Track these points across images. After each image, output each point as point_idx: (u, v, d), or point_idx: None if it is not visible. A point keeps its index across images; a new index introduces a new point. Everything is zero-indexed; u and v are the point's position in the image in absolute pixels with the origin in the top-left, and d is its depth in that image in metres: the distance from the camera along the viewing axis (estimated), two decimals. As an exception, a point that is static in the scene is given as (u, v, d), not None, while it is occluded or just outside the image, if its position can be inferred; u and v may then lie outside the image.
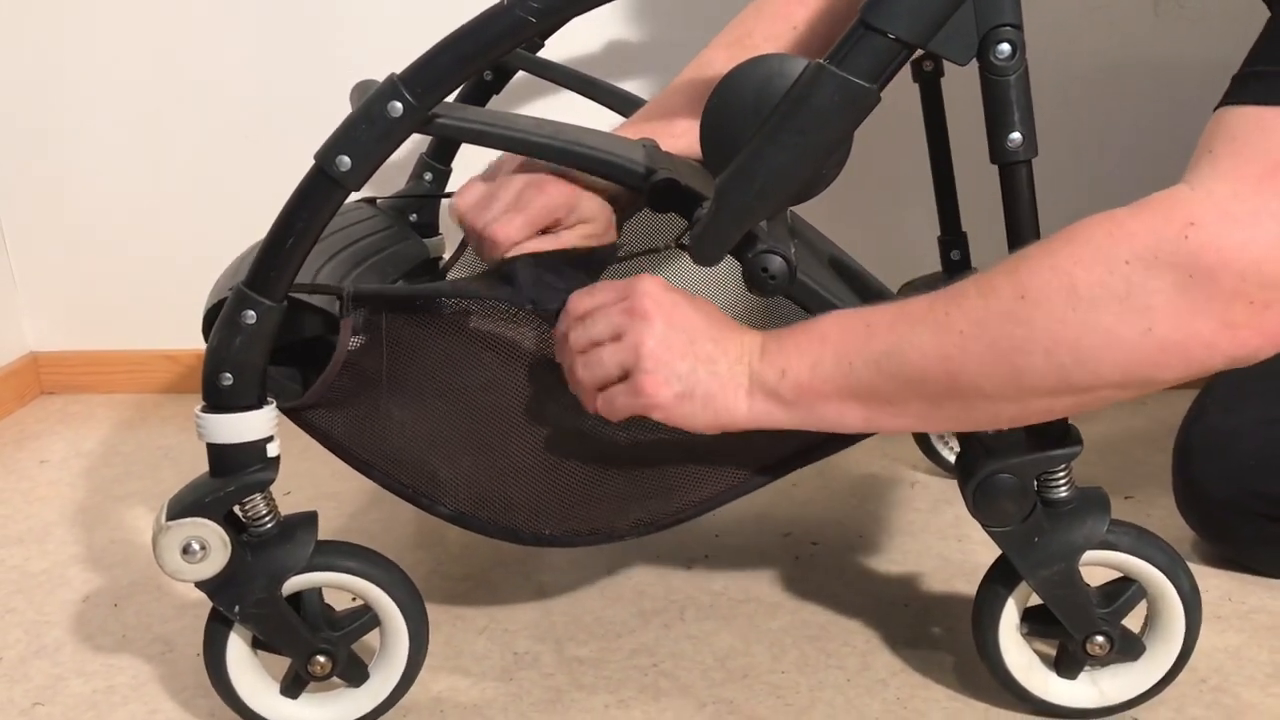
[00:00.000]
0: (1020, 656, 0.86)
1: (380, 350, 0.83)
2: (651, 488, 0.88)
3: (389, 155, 0.75)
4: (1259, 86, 0.69)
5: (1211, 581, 1.02)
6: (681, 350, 0.77)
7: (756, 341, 0.78)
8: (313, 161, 0.76)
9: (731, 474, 0.87)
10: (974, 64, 0.71)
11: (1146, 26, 0.98)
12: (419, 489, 0.88)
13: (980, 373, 0.71)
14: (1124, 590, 0.85)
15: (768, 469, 0.88)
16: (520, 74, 1.22)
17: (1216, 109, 0.71)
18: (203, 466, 0.84)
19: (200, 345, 0.82)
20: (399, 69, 0.74)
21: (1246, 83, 0.70)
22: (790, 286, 0.79)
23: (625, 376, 0.78)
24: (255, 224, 0.91)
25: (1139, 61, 1.35)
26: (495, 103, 1.23)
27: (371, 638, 0.89)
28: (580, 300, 0.80)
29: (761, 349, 0.78)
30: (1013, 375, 0.71)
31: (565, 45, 1.45)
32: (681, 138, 0.91)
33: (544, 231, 0.85)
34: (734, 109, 0.73)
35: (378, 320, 0.82)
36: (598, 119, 1.03)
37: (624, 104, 1.12)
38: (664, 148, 0.87)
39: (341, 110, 0.78)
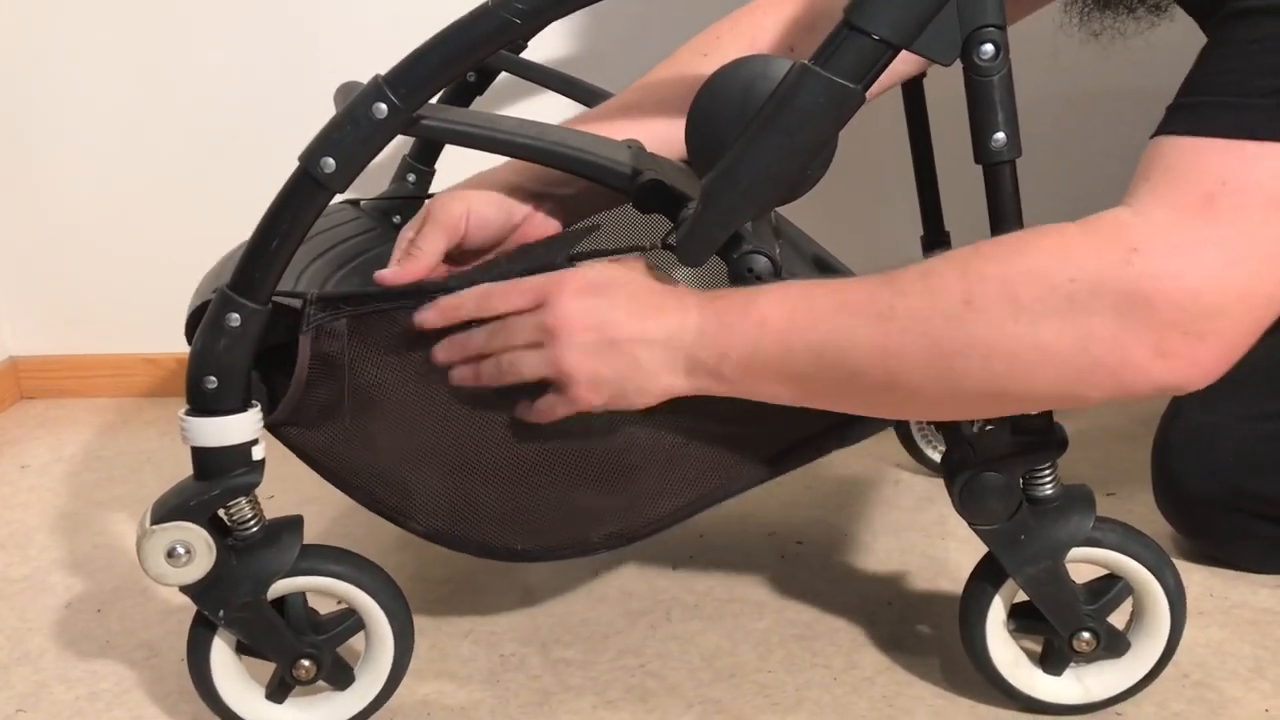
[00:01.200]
0: (1007, 653, 0.87)
1: (344, 361, 0.82)
2: (624, 500, 0.88)
3: (374, 157, 0.75)
4: (1192, 116, 0.71)
5: (1193, 577, 1.03)
6: (604, 358, 0.78)
7: (693, 319, 0.78)
8: (296, 163, 0.75)
9: (705, 483, 0.87)
10: (957, 64, 0.72)
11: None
12: (393, 505, 0.87)
13: (918, 371, 0.73)
14: (1110, 587, 0.86)
15: (739, 478, 0.87)
16: (502, 75, 1.22)
17: (1153, 136, 0.73)
18: (185, 470, 0.83)
19: (182, 349, 0.82)
20: (383, 70, 0.74)
21: (1181, 112, 0.72)
22: (775, 286, 0.79)
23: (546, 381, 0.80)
24: (237, 227, 0.91)
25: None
26: (478, 104, 1.24)
27: (357, 641, 0.89)
28: (492, 297, 0.80)
29: (699, 330, 0.78)
30: (949, 377, 0.72)
31: (549, 46, 1.45)
32: (642, 135, 0.91)
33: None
34: (719, 110, 0.74)
35: (341, 329, 0.81)
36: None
37: (607, 105, 1.12)
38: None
39: (325, 112, 0.78)
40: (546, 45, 1.45)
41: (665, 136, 0.90)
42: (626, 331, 0.78)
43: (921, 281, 0.73)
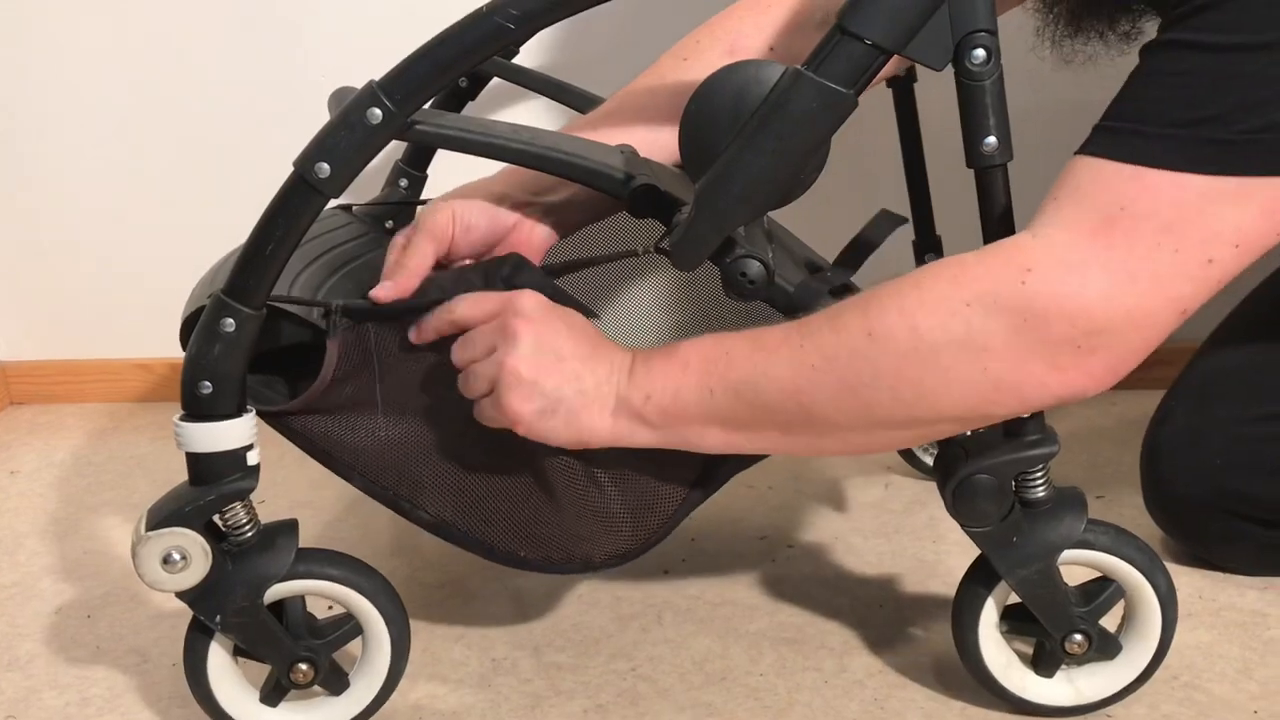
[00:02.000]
0: (999, 655, 0.87)
1: (369, 360, 0.83)
2: (627, 516, 0.89)
3: (368, 162, 0.75)
4: (1106, 140, 0.73)
5: (1182, 579, 1.03)
6: (547, 369, 0.79)
7: (626, 363, 0.81)
8: (290, 169, 0.75)
9: (682, 487, 0.89)
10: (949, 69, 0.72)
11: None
12: (401, 494, 0.88)
13: (830, 405, 0.76)
14: (1102, 589, 0.86)
15: (718, 471, 0.89)
16: (495, 80, 1.22)
17: (1075, 153, 0.75)
18: (176, 476, 0.83)
19: (173, 354, 0.82)
20: (378, 75, 0.74)
21: (1100, 134, 0.74)
22: (768, 291, 0.80)
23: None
24: (230, 232, 0.91)
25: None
26: (470, 109, 1.24)
27: (352, 646, 0.89)
28: (462, 309, 0.82)
29: (630, 371, 0.80)
30: (860, 408, 0.75)
31: (542, 52, 1.45)
32: (629, 141, 0.91)
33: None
34: (713, 115, 0.74)
35: (366, 330, 0.82)
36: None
37: (600, 111, 1.12)
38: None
39: (318, 117, 0.78)
40: (539, 51, 1.45)
41: (651, 142, 0.90)
42: (574, 354, 0.80)
43: (829, 321, 0.76)
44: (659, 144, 0.89)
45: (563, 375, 0.80)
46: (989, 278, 0.72)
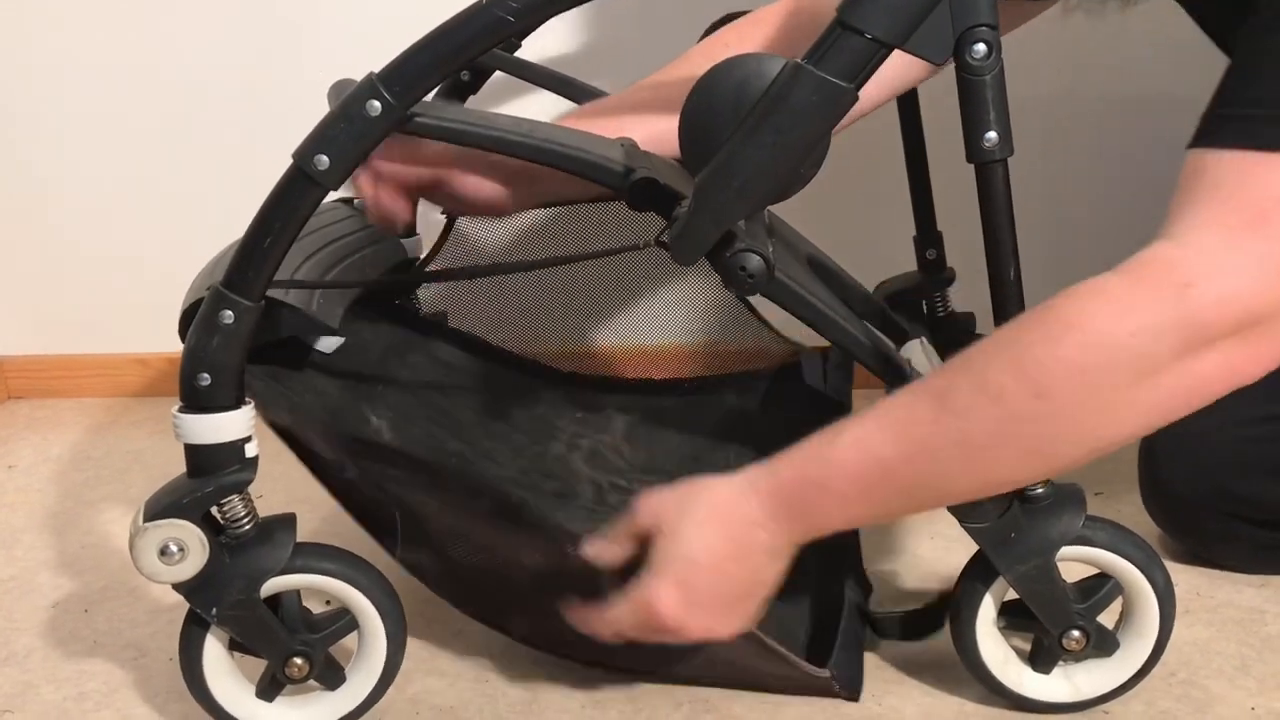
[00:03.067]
0: (997, 651, 0.87)
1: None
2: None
3: (367, 154, 0.75)
4: (1236, 129, 0.71)
5: (1180, 576, 1.03)
6: (710, 608, 0.79)
7: (765, 537, 0.78)
8: (289, 161, 0.75)
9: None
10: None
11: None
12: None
13: (1014, 471, 0.75)
14: (1100, 586, 0.86)
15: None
16: (497, 73, 1.22)
17: (1190, 148, 0.72)
18: (174, 470, 0.83)
19: (171, 348, 0.82)
20: (377, 68, 0.74)
21: (1222, 124, 0.71)
22: (768, 285, 0.80)
23: None
24: (228, 226, 0.90)
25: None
26: (472, 103, 1.24)
27: (348, 640, 0.89)
28: (602, 551, 0.81)
29: (787, 536, 0.78)
30: (1045, 464, 0.75)
31: (544, 45, 1.45)
32: (643, 131, 0.92)
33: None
34: (712, 108, 0.74)
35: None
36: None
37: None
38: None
39: (318, 111, 0.78)
40: (541, 44, 1.45)
41: (662, 134, 0.90)
42: (725, 574, 0.79)
43: (979, 394, 0.72)
44: (671, 137, 0.89)
45: (724, 600, 0.79)
46: (1148, 304, 0.69)
